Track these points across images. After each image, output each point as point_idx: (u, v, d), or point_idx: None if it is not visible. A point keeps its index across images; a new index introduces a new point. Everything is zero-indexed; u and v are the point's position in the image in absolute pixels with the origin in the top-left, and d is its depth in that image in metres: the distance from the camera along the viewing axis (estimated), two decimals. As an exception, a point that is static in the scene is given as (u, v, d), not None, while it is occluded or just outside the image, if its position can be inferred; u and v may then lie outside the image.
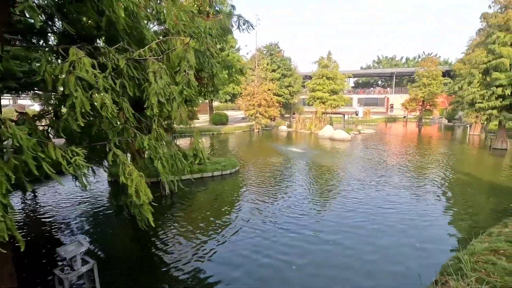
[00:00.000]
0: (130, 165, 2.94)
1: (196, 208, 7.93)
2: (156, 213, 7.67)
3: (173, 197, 8.79)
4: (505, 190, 9.31)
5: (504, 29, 15.72)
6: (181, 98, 3.21)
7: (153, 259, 5.50)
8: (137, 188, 2.86)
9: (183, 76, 3.17)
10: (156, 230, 6.62)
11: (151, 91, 2.94)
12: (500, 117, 16.07)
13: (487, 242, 4.59)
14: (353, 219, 7.06)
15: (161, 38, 3.41)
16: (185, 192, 9.12)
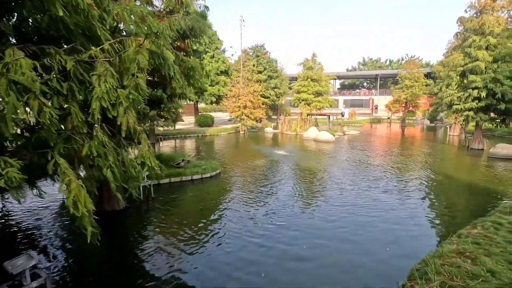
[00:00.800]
0: (70, 174, 2.75)
1: (172, 213, 7.69)
2: (131, 220, 7.51)
3: (149, 202, 8.52)
4: (481, 191, 9.53)
5: (479, 33, 16.22)
6: (128, 103, 3.04)
7: (124, 271, 5.27)
8: (75, 199, 2.66)
9: (130, 79, 3.01)
10: (129, 238, 6.38)
11: (94, 95, 2.77)
12: (477, 118, 16.53)
13: (455, 244, 4.62)
14: (332, 225, 7.02)
15: (117, 39, 3.24)
16: (162, 197, 8.88)
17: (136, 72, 2.99)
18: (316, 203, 8.33)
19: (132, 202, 8.34)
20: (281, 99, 37.26)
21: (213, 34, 29.36)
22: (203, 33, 6.62)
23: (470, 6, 16.74)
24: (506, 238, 4.52)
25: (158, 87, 6.88)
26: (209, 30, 24.48)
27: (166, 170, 10.76)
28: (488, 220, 5.38)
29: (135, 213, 7.80)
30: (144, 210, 7.98)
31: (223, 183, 10.51)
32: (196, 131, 25.90)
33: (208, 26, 28.67)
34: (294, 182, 10.54)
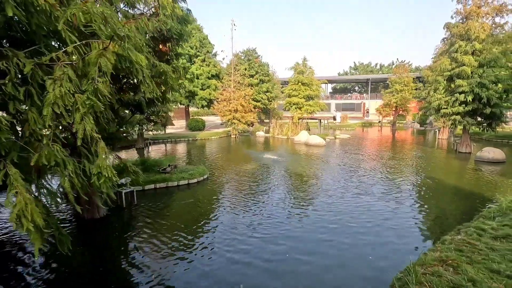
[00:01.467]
0: (20, 186, 2.56)
1: (152, 222, 7.45)
2: (109, 229, 7.23)
3: (131, 210, 8.26)
4: (468, 195, 9.55)
5: (465, 39, 16.48)
6: (86, 109, 2.87)
7: (92, 282, 5.03)
8: (20, 214, 2.46)
9: (90, 83, 2.85)
10: (104, 248, 6.14)
11: (46, 100, 2.60)
12: (464, 122, 16.73)
13: (438, 251, 4.54)
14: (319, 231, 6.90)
15: (83, 41, 3.08)
16: (145, 204, 8.63)
17: (97, 76, 2.82)
18: (304, 212, 8.16)
19: (114, 210, 8.09)
20: (273, 103, 37.29)
21: (204, 38, 29.26)
22: (184, 37, 6.48)
23: (456, 13, 17.03)
24: (488, 244, 4.46)
25: (137, 91, 6.69)
26: (191, 33, 24.30)
27: (151, 175, 10.56)
28: (471, 226, 5.33)
29: (116, 221, 7.54)
30: (125, 218, 7.73)
31: (209, 189, 10.31)
32: (187, 135, 25.65)
33: (197, 28, 28.63)
34: (282, 189, 10.37)
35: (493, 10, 15.92)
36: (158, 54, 6.97)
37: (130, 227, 7.15)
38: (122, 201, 8.26)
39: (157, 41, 6.61)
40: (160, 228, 6.97)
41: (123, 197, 8.23)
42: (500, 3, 15.73)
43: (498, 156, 14.64)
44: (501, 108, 16.31)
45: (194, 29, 28.68)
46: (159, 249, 5.98)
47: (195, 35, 28.47)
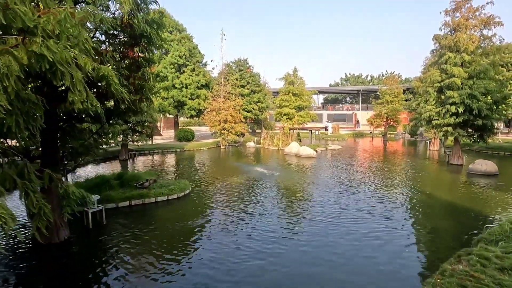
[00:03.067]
0: None
1: (119, 246, 6.64)
2: (66, 256, 6.34)
3: (100, 231, 7.44)
4: (464, 212, 9.06)
5: (454, 50, 16.43)
6: None
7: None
8: None
9: None
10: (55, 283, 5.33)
11: None
12: (455, 133, 16.48)
13: (438, 286, 3.93)
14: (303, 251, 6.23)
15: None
16: (116, 224, 7.82)
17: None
18: (291, 238, 7.52)
19: (79, 232, 7.28)
20: (264, 114, 36.93)
21: (193, 47, 28.89)
22: (154, 41, 5.91)
23: (445, 24, 17.04)
24: (496, 279, 3.87)
25: (108, 99, 6.05)
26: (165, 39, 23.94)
27: (128, 191, 9.77)
28: (473, 253, 4.76)
29: (77, 246, 6.66)
30: (90, 242, 6.87)
31: (190, 206, 9.55)
32: (175, 146, 24.85)
33: (187, 37, 28.25)
34: (268, 208, 9.61)
35: (480, 22, 15.94)
36: (130, 60, 6.37)
37: (94, 252, 6.31)
38: (89, 221, 7.43)
39: (125, 46, 6.03)
40: (127, 253, 6.18)
41: (90, 216, 7.41)
42: (487, 16, 15.77)
43: (490, 169, 14.32)
44: (492, 119, 16.17)
45: (184, 38, 28.34)
46: (124, 281, 5.19)
47: (184, 44, 28.09)
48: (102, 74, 3.52)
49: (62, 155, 6.81)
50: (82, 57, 3.13)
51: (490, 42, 16.33)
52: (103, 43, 6.55)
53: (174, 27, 28.85)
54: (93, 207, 7.50)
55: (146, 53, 6.28)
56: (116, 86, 3.79)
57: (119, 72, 5.39)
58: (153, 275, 5.31)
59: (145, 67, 6.28)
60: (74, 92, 3.05)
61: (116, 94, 4.03)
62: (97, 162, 17.59)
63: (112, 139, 10.20)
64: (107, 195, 9.14)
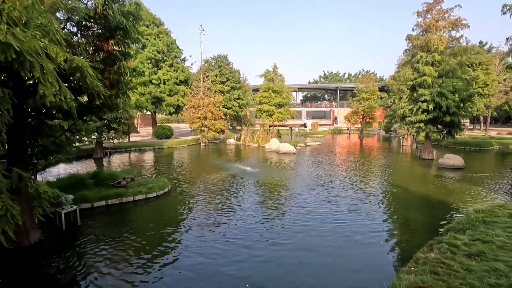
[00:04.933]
0: None
1: (93, 248, 6.39)
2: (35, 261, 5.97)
3: (73, 233, 7.10)
4: (434, 203, 9.56)
5: (425, 50, 17.21)
6: None
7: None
8: None
9: None
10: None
11: None
12: (426, 129, 17.34)
13: (413, 274, 4.13)
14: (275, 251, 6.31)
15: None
16: (91, 225, 7.51)
17: None
18: (269, 231, 7.59)
19: (51, 233, 6.91)
20: (244, 110, 36.87)
21: (172, 42, 28.19)
22: (131, 34, 5.67)
23: (417, 25, 17.79)
24: (464, 264, 4.14)
25: (82, 94, 5.75)
26: (137, 29, 23.44)
27: (103, 190, 9.39)
28: (444, 242, 5.06)
29: (49, 249, 6.31)
30: (63, 244, 6.51)
31: (170, 204, 9.37)
32: (153, 143, 24.23)
33: (165, 32, 27.46)
34: (249, 204, 9.67)
35: (449, 24, 16.80)
36: (105, 54, 6.08)
37: (67, 255, 6.00)
38: (62, 223, 7.07)
39: (100, 39, 5.74)
40: (103, 255, 5.94)
41: (63, 217, 7.06)
42: (456, 18, 16.65)
43: (458, 163, 15.23)
44: (459, 116, 17.17)
45: (161, 33, 27.57)
46: (100, 285, 5.00)
47: (162, 39, 27.33)
48: (76, 65, 3.31)
49: (31, 153, 6.41)
50: (53, 48, 2.93)
51: (458, 43, 17.27)
52: (75, 35, 6.21)
53: (151, 21, 27.95)
54: (67, 207, 7.15)
55: (122, 46, 6.03)
56: (92, 79, 3.58)
57: (93, 65, 5.13)
58: (131, 278, 5.14)
59: (121, 61, 6.02)
60: (45, 85, 2.85)
61: (91, 87, 3.82)
62: (70, 160, 16.79)
63: (86, 137, 9.75)
64: (81, 195, 8.74)
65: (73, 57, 3.36)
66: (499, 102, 33.96)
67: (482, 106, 32.00)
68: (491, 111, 34.44)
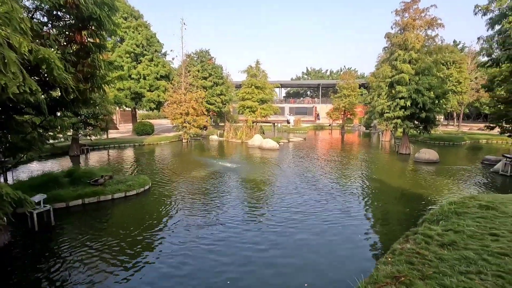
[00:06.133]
0: None
1: (74, 245, 6.14)
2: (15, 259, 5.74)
3: (46, 234, 6.79)
4: (410, 196, 9.92)
5: (403, 48, 17.73)
6: None
7: None
8: None
9: None
10: None
11: None
12: (404, 125, 17.94)
13: (390, 265, 4.26)
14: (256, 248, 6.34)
15: None
16: (66, 225, 7.21)
17: None
18: (251, 229, 7.60)
19: (22, 235, 6.57)
20: (227, 106, 36.60)
21: (151, 36, 27.39)
22: (105, 25, 5.41)
23: (395, 24, 18.27)
24: (437, 254, 4.32)
25: (52, 88, 5.45)
26: (112, 21, 22.79)
27: (80, 189, 9.02)
28: (419, 232, 5.26)
29: (19, 252, 5.97)
30: (35, 247, 6.20)
31: (150, 202, 9.15)
32: (133, 140, 23.56)
33: (144, 25, 26.62)
34: (232, 201, 9.64)
35: (425, 23, 17.38)
36: (78, 46, 5.78)
37: (39, 258, 5.72)
38: (34, 224, 6.73)
39: (72, 29, 5.44)
40: (79, 257, 5.71)
41: (35, 218, 6.72)
42: (431, 18, 17.23)
43: (432, 157, 15.90)
44: (434, 112, 17.88)
45: (140, 26, 26.72)
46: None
47: (141, 32, 26.50)
48: (42, 56, 3.09)
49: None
50: (16, 37, 2.72)
51: (433, 42, 17.91)
52: (45, 25, 5.86)
53: (130, 13, 27.01)
54: (38, 207, 6.81)
55: (96, 38, 5.75)
56: (60, 71, 3.37)
57: (64, 58, 4.87)
58: (107, 281, 4.98)
59: (96, 54, 5.75)
60: (7, 75, 2.64)
61: (59, 80, 3.59)
62: (44, 158, 16.03)
63: (60, 133, 9.33)
64: (55, 194, 8.36)
65: (39, 47, 3.14)
66: (471, 99, 35.67)
67: (455, 103, 33.52)
68: (463, 107, 36.14)
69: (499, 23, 11.72)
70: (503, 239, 4.67)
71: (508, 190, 9.67)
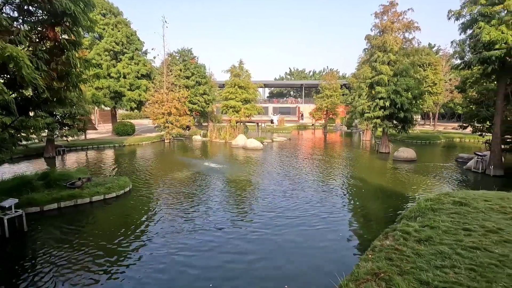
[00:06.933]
0: None
1: (49, 252, 5.86)
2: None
3: (19, 240, 6.44)
4: (390, 193, 10.22)
5: (382, 50, 18.26)
6: None
7: None
8: None
9: None
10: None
11: None
12: (383, 125, 18.48)
13: (370, 261, 4.37)
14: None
15: None
16: (40, 231, 6.88)
17: None
18: (234, 229, 7.56)
19: (-8, 242, 6.19)
20: (210, 106, 36.24)
21: (132, 34, 26.64)
22: (80, 20, 5.18)
23: (375, 26, 18.78)
24: (414, 249, 4.48)
25: (23, 87, 5.16)
26: (88, 17, 22.19)
27: (55, 192, 8.63)
28: (397, 229, 5.43)
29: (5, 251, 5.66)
30: (5, 254, 5.83)
31: (130, 205, 8.89)
32: (113, 140, 22.84)
33: (124, 22, 25.79)
34: (215, 203, 9.52)
35: (403, 26, 17.98)
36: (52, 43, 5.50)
37: (9, 266, 5.41)
38: (4, 230, 6.36)
39: (44, 25, 5.17)
40: (53, 264, 5.45)
41: (6, 224, 6.35)
42: (408, 21, 17.85)
43: (411, 156, 16.48)
44: (412, 112, 18.54)
45: (120, 23, 25.92)
46: None
47: (121, 30, 25.71)
48: (9, 54, 2.90)
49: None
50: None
51: (411, 44, 18.58)
52: (16, 20, 5.55)
53: (109, 9, 26.13)
54: (9, 212, 6.45)
55: (71, 35, 5.50)
56: (28, 70, 3.18)
57: (36, 55, 4.62)
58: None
59: (70, 51, 5.49)
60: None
61: (28, 79, 3.39)
62: (16, 160, 15.22)
63: (34, 134, 8.88)
64: (29, 198, 7.96)
65: (6, 45, 2.96)
66: (446, 100, 37.29)
67: (431, 103, 34.89)
68: (439, 108, 37.72)
69: (470, 28, 12.30)
70: (475, 233, 4.90)
71: (479, 186, 10.17)
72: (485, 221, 5.38)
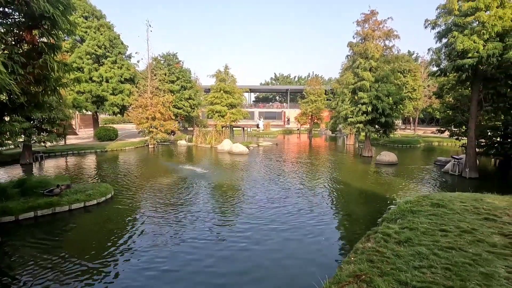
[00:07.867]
0: None
1: (23, 263, 5.60)
2: None
3: (-9, 250, 6.12)
4: (372, 196, 10.47)
5: (364, 57, 18.81)
6: None
7: None
8: None
9: None
10: None
11: None
12: (365, 130, 18.97)
13: (352, 264, 4.45)
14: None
15: None
16: (14, 241, 6.57)
17: None
18: (219, 235, 7.51)
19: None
20: (196, 111, 36.00)
21: (115, 37, 26.18)
22: (58, 23, 5.05)
23: (357, 33, 19.35)
24: (394, 251, 4.61)
25: None
26: (68, 20, 21.88)
27: (32, 200, 8.28)
28: (379, 231, 5.57)
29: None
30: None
31: (112, 213, 8.64)
32: (94, 146, 22.19)
33: (107, 26, 25.30)
34: (200, 209, 9.47)
35: (383, 34, 18.63)
36: (29, 46, 5.34)
37: (-17, 278, 5.15)
38: (-25, 241, 6.04)
39: (21, 28, 5.01)
40: (30, 276, 5.22)
41: (-23, 235, 6.03)
42: (388, 29, 18.52)
43: (392, 159, 16.97)
44: (393, 117, 19.14)
45: (103, 26, 25.44)
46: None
47: (103, 33, 25.23)
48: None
49: None
50: None
51: (391, 51, 19.25)
52: (-10, 22, 5.35)
53: (91, 12, 25.59)
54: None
55: (50, 37, 5.35)
56: (3, 76, 3.06)
57: (12, 58, 4.47)
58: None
59: (48, 54, 5.34)
60: None
61: (1, 85, 3.27)
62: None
63: (9, 140, 8.53)
64: (3, 206, 7.61)
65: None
66: (425, 105, 38.75)
67: (411, 109, 36.16)
68: (418, 113, 39.12)
69: (445, 37, 12.91)
70: (451, 234, 5.10)
71: (456, 188, 10.59)
72: (460, 222, 5.61)
